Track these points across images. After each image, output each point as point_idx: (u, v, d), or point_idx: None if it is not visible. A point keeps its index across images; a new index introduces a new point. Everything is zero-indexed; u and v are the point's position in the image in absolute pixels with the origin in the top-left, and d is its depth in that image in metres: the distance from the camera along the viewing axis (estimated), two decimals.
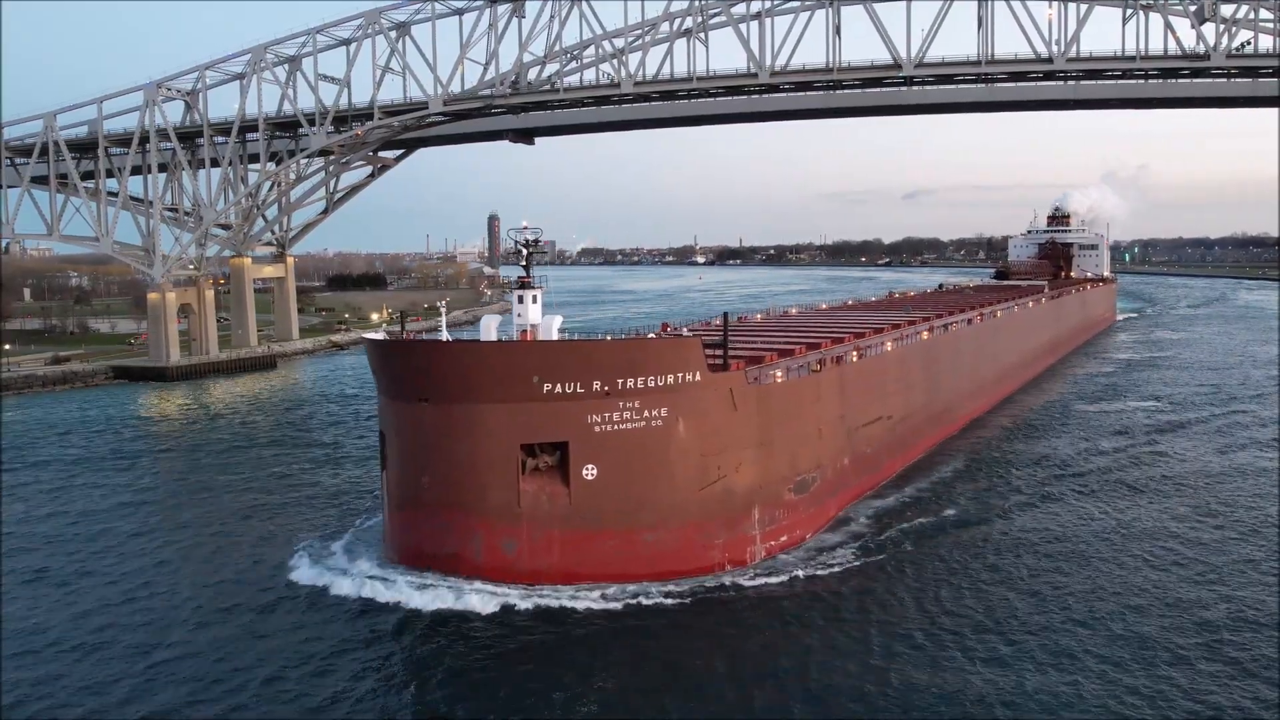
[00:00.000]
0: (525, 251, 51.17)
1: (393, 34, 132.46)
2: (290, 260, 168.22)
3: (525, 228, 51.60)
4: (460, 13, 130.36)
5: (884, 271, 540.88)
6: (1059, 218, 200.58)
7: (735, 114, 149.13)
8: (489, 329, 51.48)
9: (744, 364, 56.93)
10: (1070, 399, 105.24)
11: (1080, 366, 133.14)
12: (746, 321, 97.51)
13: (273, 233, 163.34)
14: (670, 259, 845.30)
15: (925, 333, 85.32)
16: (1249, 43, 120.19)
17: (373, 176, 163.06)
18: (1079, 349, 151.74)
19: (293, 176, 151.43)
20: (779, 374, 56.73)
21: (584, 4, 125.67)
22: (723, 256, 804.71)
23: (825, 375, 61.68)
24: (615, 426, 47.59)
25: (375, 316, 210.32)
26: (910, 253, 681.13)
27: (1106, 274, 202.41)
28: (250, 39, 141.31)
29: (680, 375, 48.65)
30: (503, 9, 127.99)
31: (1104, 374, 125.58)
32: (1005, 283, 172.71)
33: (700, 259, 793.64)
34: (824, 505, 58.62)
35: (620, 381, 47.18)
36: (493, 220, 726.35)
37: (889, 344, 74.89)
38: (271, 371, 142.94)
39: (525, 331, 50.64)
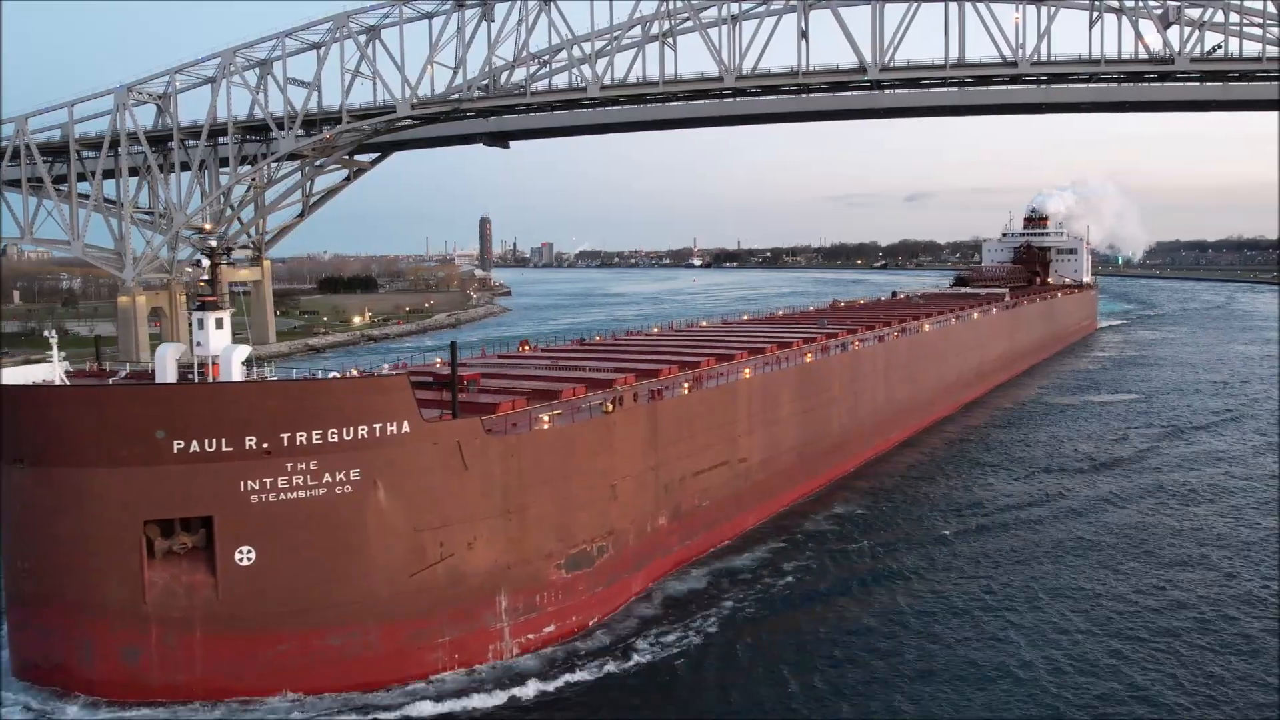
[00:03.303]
0: (209, 262, 40.03)
1: (362, 38, 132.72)
2: (267, 264, 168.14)
3: (206, 230, 43.48)
4: (429, 16, 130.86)
5: (877, 274, 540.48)
6: (1036, 219, 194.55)
7: (707, 117, 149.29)
8: (165, 362, 40.17)
9: (524, 401, 47.44)
10: (1010, 424, 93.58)
11: (1039, 381, 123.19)
12: (639, 337, 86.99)
13: (248, 235, 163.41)
14: (667, 261, 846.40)
15: (808, 355, 72.17)
16: (1219, 46, 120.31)
17: (349, 180, 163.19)
18: (1044, 363, 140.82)
19: (264, 180, 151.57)
20: (545, 418, 44.86)
21: (552, 8, 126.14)
22: (719, 259, 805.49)
23: (622, 416, 48.55)
24: (281, 495, 36.67)
25: (357, 319, 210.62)
26: (907, 255, 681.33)
27: (1086, 279, 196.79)
28: (238, 41, 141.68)
29: (378, 426, 37.65)
30: (470, 13, 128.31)
31: (1065, 389, 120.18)
32: (963, 290, 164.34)
33: (697, 261, 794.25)
34: (622, 581, 47.30)
35: (286, 436, 36.26)
36: (484, 223, 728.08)
37: (747, 371, 62.26)
38: None
39: (208, 365, 39.77)
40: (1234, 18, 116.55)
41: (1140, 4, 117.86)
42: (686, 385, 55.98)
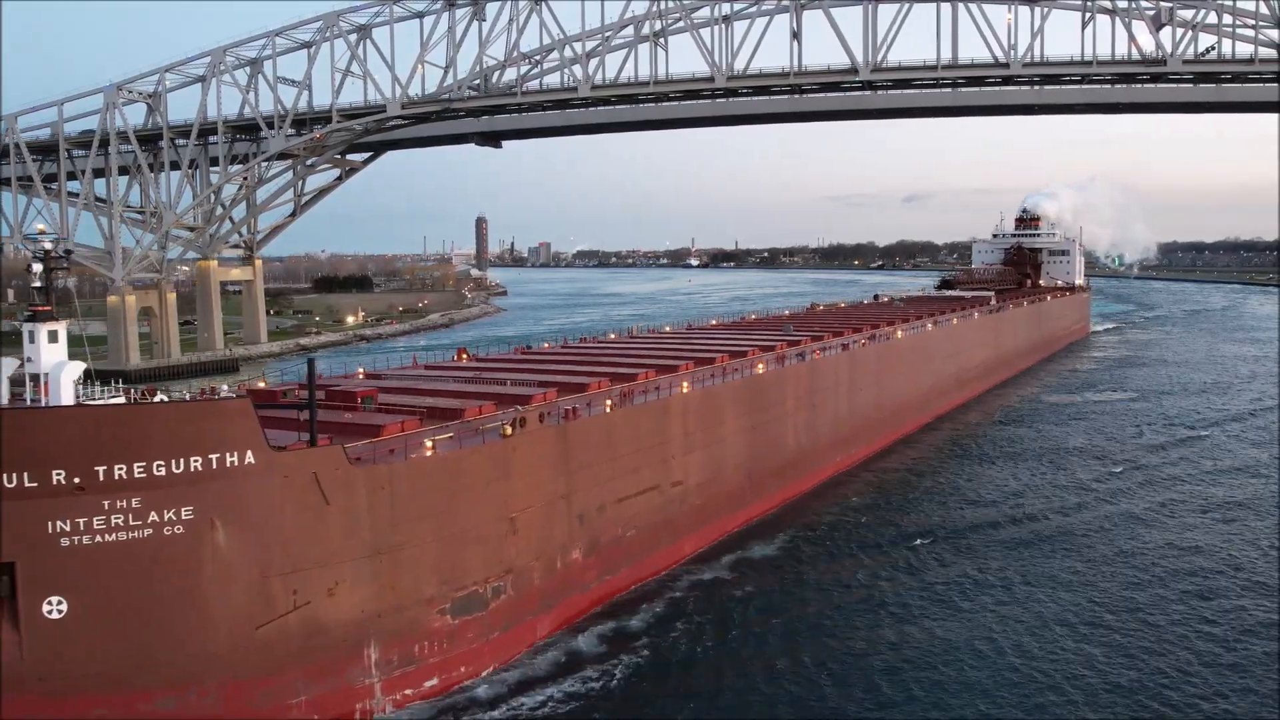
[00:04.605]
0: (41, 268, 35.21)
1: (352, 37, 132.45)
2: (258, 263, 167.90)
3: (42, 232, 36.90)
4: (420, 15, 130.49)
5: (873, 275, 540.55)
6: (1027, 220, 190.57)
7: (699, 118, 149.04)
8: None
9: (416, 422, 43.30)
10: (996, 426, 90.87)
11: (1027, 387, 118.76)
12: (586, 345, 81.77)
13: (240, 235, 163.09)
14: (665, 261, 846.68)
15: (760, 365, 66.33)
16: (1212, 48, 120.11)
17: (340, 179, 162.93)
18: (1032, 369, 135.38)
19: (255, 179, 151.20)
20: (429, 444, 39.82)
21: (543, 8, 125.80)
22: (717, 259, 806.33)
23: (524, 439, 43.31)
24: (98, 537, 31.88)
25: (351, 319, 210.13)
26: (904, 256, 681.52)
27: (1078, 281, 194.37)
28: (228, 40, 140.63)
29: (215, 457, 33.06)
30: (461, 13, 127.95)
31: (1056, 390, 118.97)
32: (948, 293, 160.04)
33: (694, 261, 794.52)
34: (524, 624, 42.32)
35: (102, 470, 31.63)
36: (480, 222, 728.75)
37: (685, 384, 56.84)
38: (230, 374, 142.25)
39: (40, 383, 35.05)
40: (1226, 19, 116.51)
41: (1133, 5, 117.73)
42: (610, 402, 50.76)
